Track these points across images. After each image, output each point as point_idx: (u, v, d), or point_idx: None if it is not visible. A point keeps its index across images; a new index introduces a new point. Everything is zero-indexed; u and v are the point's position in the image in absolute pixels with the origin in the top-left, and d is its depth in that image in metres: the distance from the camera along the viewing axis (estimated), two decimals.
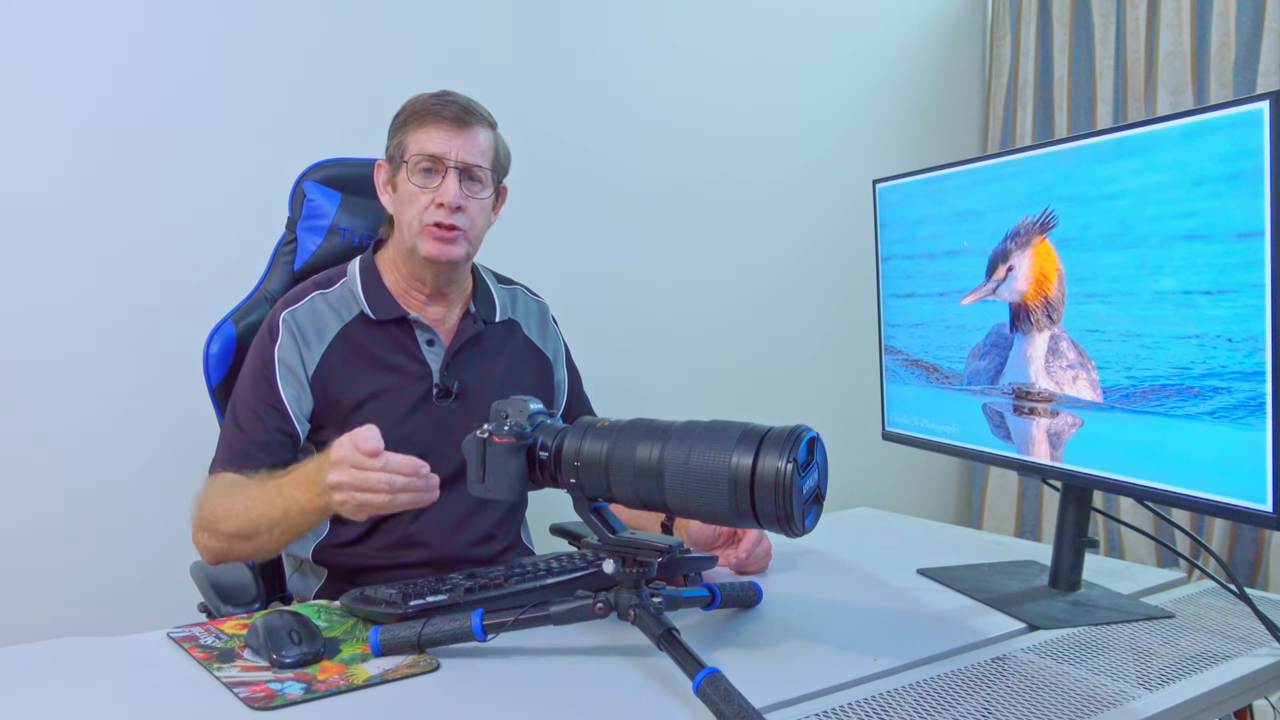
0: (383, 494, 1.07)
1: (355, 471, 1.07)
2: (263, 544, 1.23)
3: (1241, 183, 0.97)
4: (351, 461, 1.08)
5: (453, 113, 1.35)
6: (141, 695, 0.93)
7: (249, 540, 1.23)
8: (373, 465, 1.07)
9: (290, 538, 1.23)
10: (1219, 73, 2.50)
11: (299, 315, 1.38)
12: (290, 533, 1.22)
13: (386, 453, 1.08)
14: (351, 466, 1.08)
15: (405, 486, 1.07)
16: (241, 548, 1.25)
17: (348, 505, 1.09)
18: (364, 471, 1.07)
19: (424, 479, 1.09)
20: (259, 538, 1.22)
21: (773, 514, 0.89)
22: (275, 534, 1.21)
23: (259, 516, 1.21)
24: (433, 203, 1.34)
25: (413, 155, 1.35)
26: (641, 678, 0.97)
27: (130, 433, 1.84)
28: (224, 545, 1.26)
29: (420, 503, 1.10)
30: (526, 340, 1.53)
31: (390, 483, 1.07)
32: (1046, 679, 0.99)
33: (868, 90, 2.83)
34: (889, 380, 1.53)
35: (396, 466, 1.07)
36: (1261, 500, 0.97)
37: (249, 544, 1.24)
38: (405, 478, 1.07)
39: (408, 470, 1.07)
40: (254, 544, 1.24)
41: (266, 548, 1.24)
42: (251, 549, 1.25)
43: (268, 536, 1.22)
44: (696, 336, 2.54)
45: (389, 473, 1.07)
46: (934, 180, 1.40)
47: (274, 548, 1.25)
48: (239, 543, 1.25)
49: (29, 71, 1.73)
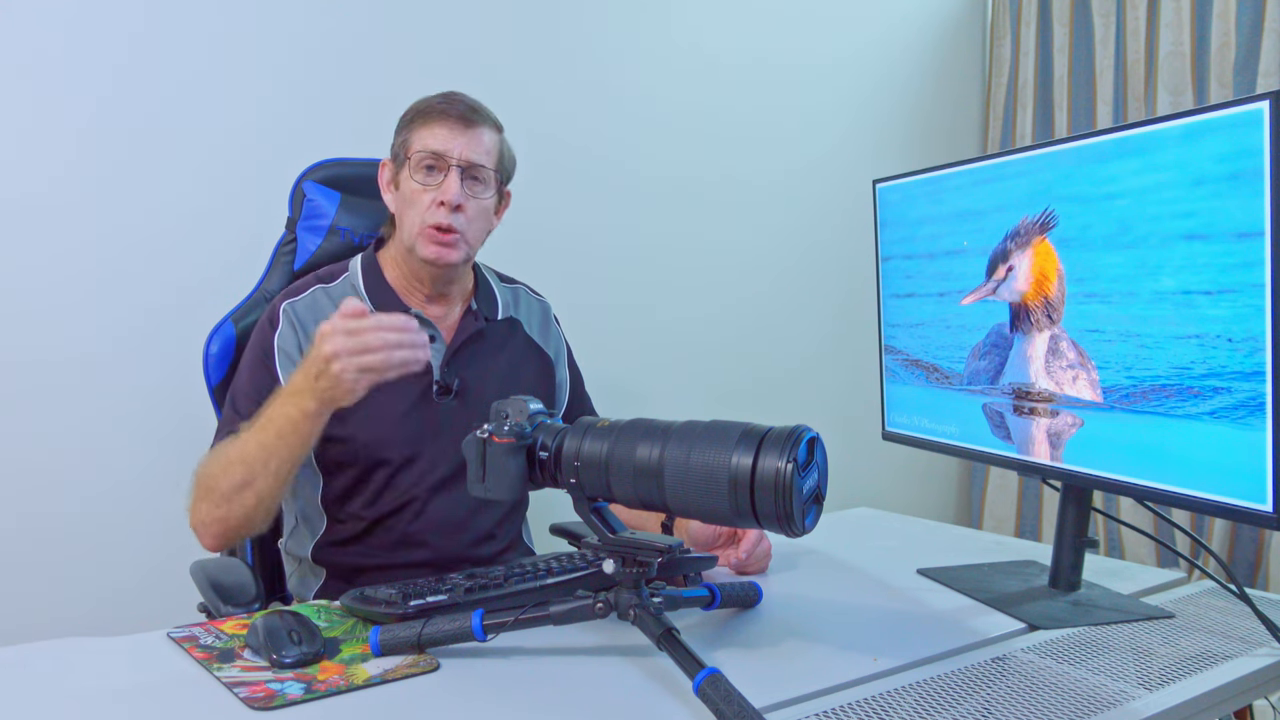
0: (379, 352, 1.09)
1: (348, 337, 1.09)
2: (260, 489, 1.21)
3: (1241, 183, 0.97)
4: (342, 329, 1.09)
5: (458, 111, 1.36)
6: (141, 695, 0.93)
7: (248, 487, 1.21)
8: (365, 324, 1.09)
9: (287, 469, 1.21)
10: (1219, 73, 2.50)
11: (300, 307, 1.38)
12: (288, 460, 1.20)
13: (374, 314, 1.10)
14: (344, 333, 1.09)
15: (400, 342, 1.09)
16: (241, 501, 1.23)
17: (347, 374, 1.10)
18: (356, 335, 1.09)
19: (414, 333, 1.11)
20: (256, 481, 1.21)
21: (773, 514, 0.88)
22: (272, 467, 1.20)
23: (255, 451, 1.20)
24: (434, 202, 1.34)
25: (415, 152, 1.35)
26: (641, 678, 0.97)
27: (130, 433, 1.84)
28: (223, 509, 1.24)
29: (415, 359, 1.11)
30: (528, 339, 1.53)
31: (384, 339, 1.09)
32: (1046, 679, 0.99)
33: (868, 90, 2.83)
34: (889, 380, 1.53)
35: (387, 324, 1.09)
36: (1261, 500, 0.97)
37: (248, 492, 1.22)
38: (397, 333, 1.09)
39: (398, 325, 1.10)
40: (253, 491, 1.22)
41: (265, 492, 1.22)
42: (251, 499, 1.22)
43: (264, 474, 1.20)
44: (697, 336, 2.54)
45: (382, 330, 1.09)
46: (934, 180, 1.40)
47: (272, 490, 1.22)
48: (238, 496, 1.22)
49: (29, 71, 1.73)
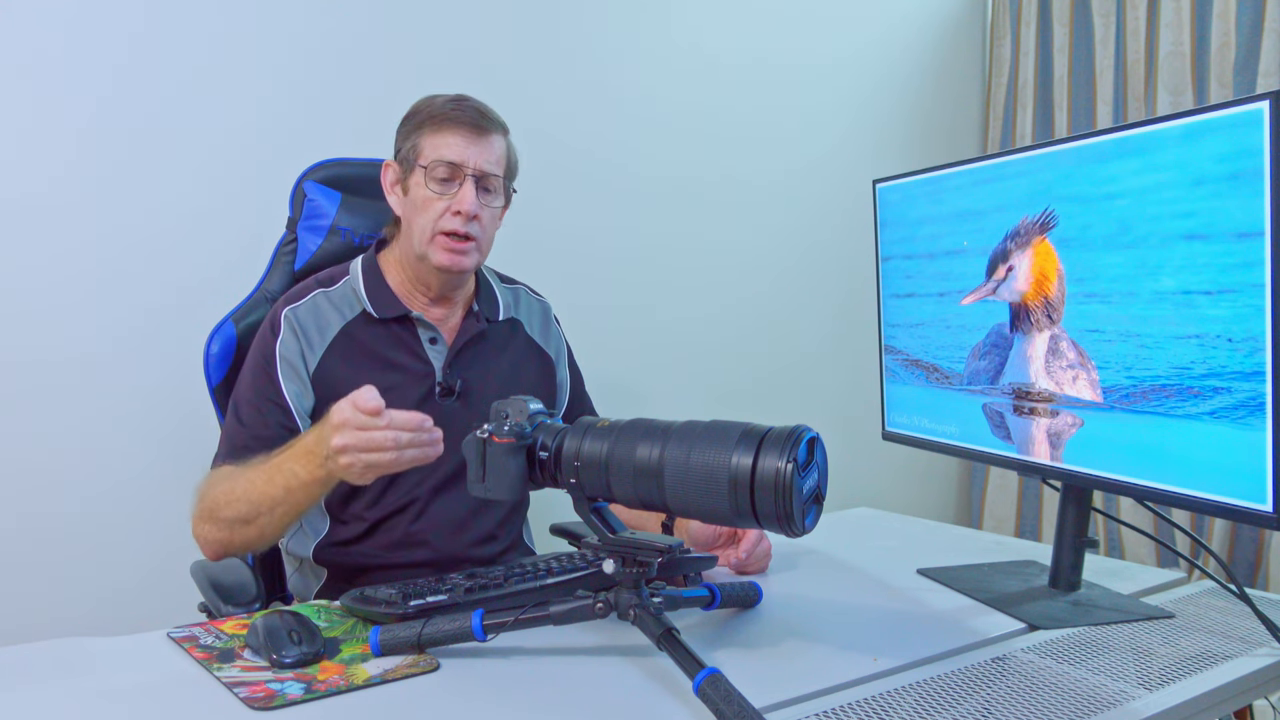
0: (389, 451, 1.08)
1: (359, 433, 1.08)
2: (264, 526, 1.22)
3: (1241, 183, 0.97)
4: (355, 423, 1.08)
5: (470, 119, 1.34)
6: (141, 695, 0.93)
7: (251, 524, 1.22)
8: (377, 424, 1.07)
9: (292, 517, 1.22)
10: (1219, 73, 2.50)
11: (301, 312, 1.38)
12: (292, 511, 1.21)
13: (389, 410, 1.09)
14: (355, 428, 1.08)
15: (411, 442, 1.08)
16: (243, 533, 1.24)
17: (354, 468, 1.09)
18: (368, 431, 1.08)
19: (428, 433, 1.10)
20: (260, 519, 1.21)
21: (773, 514, 0.89)
22: (277, 514, 1.20)
23: (260, 497, 1.20)
24: (449, 210, 1.33)
25: (430, 161, 1.34)
26: (641, 678, 0.97)
27: (130, 433, 1.84)
28: (225, 534, 1.25)
29: (425, 458, 1.11)
30: (529, 339, 1.53)
31: (396, 439, 1.08)
32: (1046, 679, 0.99)
33: (868, 90, 2.83)
34: (889, 380, 1.53)
35: (401, 423, 1.08)
36: (1261, 500, 0.97)
37: (251, 528, 1.23)
38: (410, 433, 1.08)
39: (412, 426, 1.09)
40: (256, 527, 1.22)
41: (269, 531, 1.23)
42: (254, 533, 1.23)
43: (269, 518, 1.21)
44: (697, 336, 2.54)
45: (394, 430, 1.07)
46: (934, 180, 1.40)
47: (276, 531, 1.23)
48: (240, 528, 1.23)
49: (29, 71, 1.73)
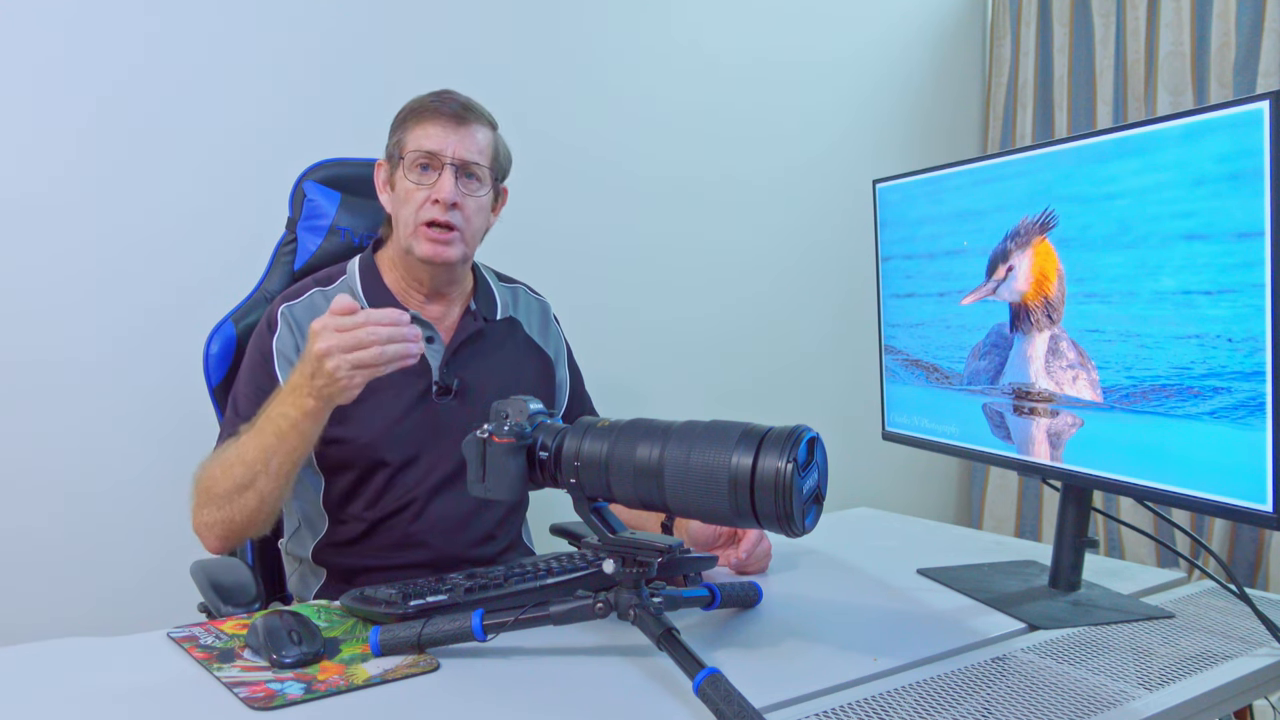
0: (372, 346, 1.09)
1: (339, 334, 1.09)
2: (263, 488, 1.21)
3: (1241, 183, 0.97)
4: (333, 325, 1.10)
5: (451, 110, 1.36)
6: (141, 695, 0.93)
7: (249, 489, 1.22)
8: (355, 321, 1.09)
9: (290, 468, 1.21)
10: (1219, 73, 2.50)
11: (298, 310, 1.38)
12: (288, 460, 1.20)
13: (365, 310, 1.11)
14: (334, 330, 1.10)
15: (391, 336, 1.10)
16: (243, 503, 1.23)
17: (340, 370, 1.10)
18: (348, 331, 1.09)
19: (408, 326, 1.11)
20: (258, 480, 1.21)
21: (773, 514, 0.88)
22: (274, 466, 1.20)
23: (254, 453, 1.20)
24: (428, 199, 1.34)
25: (410, 152, 1.35)
26: (641, 678, 0.97)
27: (130, 433, 1.84)
28: (226, 511, 1.24)
29: (408, 354, 1.12)
30: (528, 339, 1.53)
31: (376, 334, 1.09)
32: (1046, 679, 0.99)
33: (868, 90, 2.83)
34: (889, 380, 1.53)
35: (378, 319, 1.10)
36: (1261, 500, 0.97)
37: (250, 493, 1.22)
38: (389, 328, 1.10)
39: (390, 320, 1.10)
40: (255, 491, 1.22)
41: (267, 493, 1.22)
42: (253, 500, 1.23)
43: (265, 474, 1.20)
44: (697, 336, 2.54)
45: (372, 324, 1.09)
46: (934, 180, 1.40)
47: (273, 492, 1.22)
48: (239, 497, 1.22)
49: (29, 72, 1.73)
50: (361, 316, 1.10)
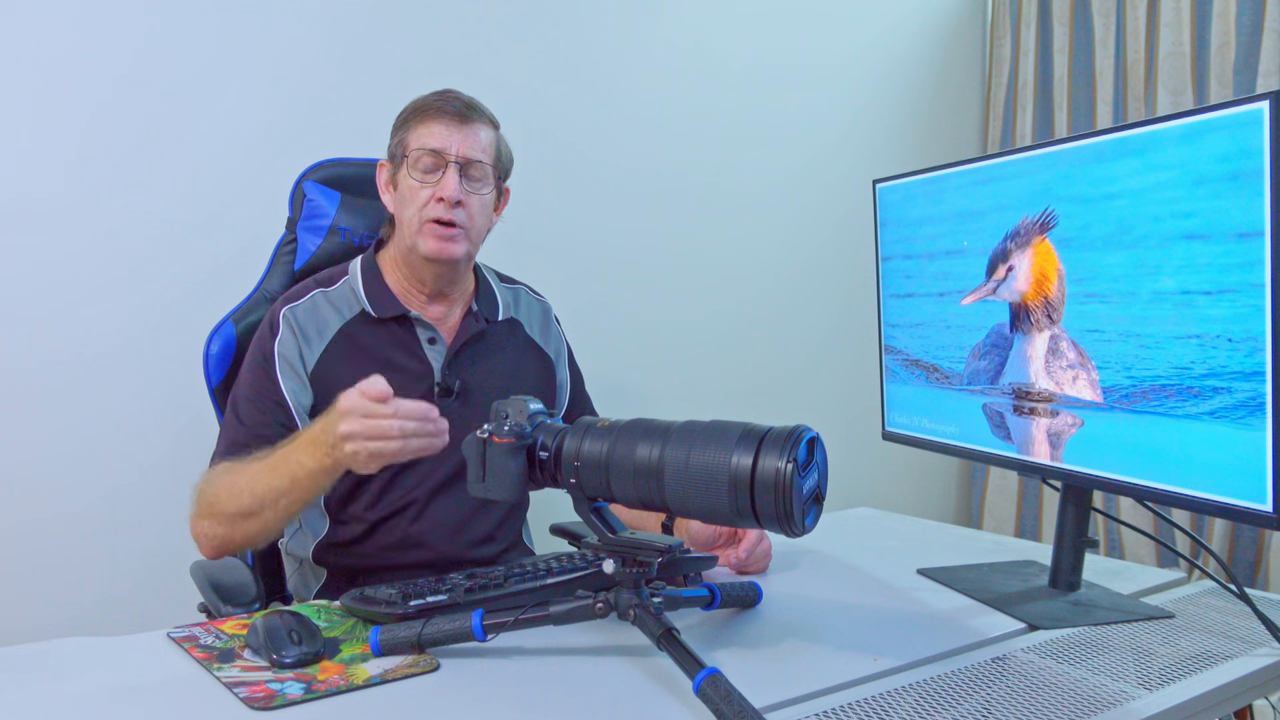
0: (395, 440, 1.08)
1: (365, 420, 1.08)
2: (268, 520, 1.21)
3: (1241, 183, 0.97)
4: (361, 410, 1.09)
5: (454, 109, 1.35)
6: (141, 695, 0.93)
7: (253, 517, 1.21)
8: (384, 411, 1.08)
9: (296, 509, 1.21)
10: (1219, 73, 2.50)
11: (299, 312, 1.38)
12: (297, 503, 1.20)
13: (395, 399, 1.09)
14: (362, 416, 1.09)
15: (416, 431, 1.09)
16: (245, 527, 1.23)
17: (360, 455, 1.10)
18: (374, 419, 1.08)
19: (434, 423, 1.10)
20: (264, 513, 1.21)
21: (773, 514, 0.89)
22: (281, 506, 1.20)
23: (265, 489, 1.20)
24: (432, 197, 1.34)
25: (413, 151, 1.35)
26: (641, 678, 0.97)
27: (130, 433, 1.84)
28: (226, 530, 1.24)
29: (430, 449, 1.11)
30: (529, 339, 1.53)
31: (402, 428, 1.08)
32: (1046, 679, 0.99)
33: (868, 90, 2.83)
34: (889, 380, 1.53)
35: (407, 412, 1.09)
36: (1261, 500, 0.97)
37: (254, 521, 1.22)
38: (416, 423, 1.09)
39: (418, 415, 1.09)
40: (259, 521, 1.22)
41: (271, 524, 1.22)
42: (256, 527, 1.23)
43: (273, 510, 1.20)
44: (697, 336, 2.54)
45: (400, 419, 1.08)
46: (934, 180, 1.40)
47: (278, 524, 1.23)
48: (242, 522, 1.22)
49: (30, 72, 1.73)
50: (390, 408, 1.08)
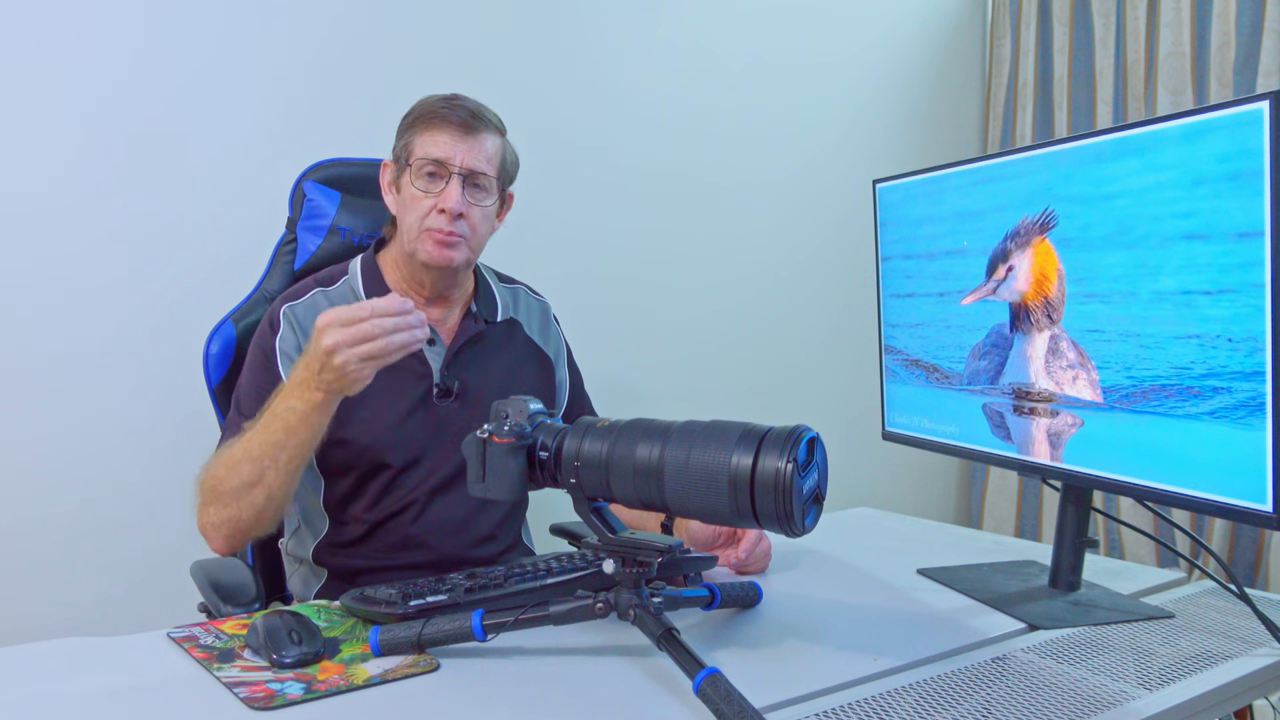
0: (378, 338, 1.10)
1: (345, 328, 1.10)
2: (271, 485, 1.21)
3: (1241, 183, 0.97)
4: (340, 320, 1.11)
5: (460, 117, 1.35)
6: (141, 695, 0.93)
7: (257, 484, 1.21)
8: (360, 314, 1.10)
9: (298, 462, 1.21)
10: (1219, 73, 2.50)
11: (300, 310, 1.38)
12: (297, 455, 1.20)
13: (368, 300, 1.12)
14: (340, 325, 1.11)
15: (397, 326, 1.11)
16: (251, 500, 1.23)
17: (349, 365, 1.11)
18: (353, 325, 1.10)
19: (412, 313, 1.12)
20: (266, 476, 1.21)
21: (773, 514, 0.89)
22: (282, 462, 1.20)
23: (261, 448, 1.20)
24: (434, 208, 1.34)
25: (417, 159, 1.34)
26: (641, 678, 0.97)
27: (130, 433, 1.84)
28: (233, 509, 1.24)
29: (414, 341, 1.12)
30: (528, 340, 1.53)
31: (382, 326, 1.10)
32: (1046, 679, 0.99)
33: (868, 90, 2.84)
34: (889, 380, 1.53)
35: (383, 309, 1.11)
36: (1261, 500, 0.97)
37: (258, 489, 1.22)
38: (394, 317, 1.10)
39: (394, 310, 1.11)
40: (263, 487, 1.22)
41: (275, 489, 1.22)
42: (261, 496, 1.22)
43: (274, 469, 1.20)
44: (696, 336, 2.54)
45: (377, 316, 1.10)
46: (934, 180, 1.40)
47: (282, 486, 1.22)
48: (247, 494, 1.22)
49: (30, 71, 1.73)
50: (366, 309, 1.11)
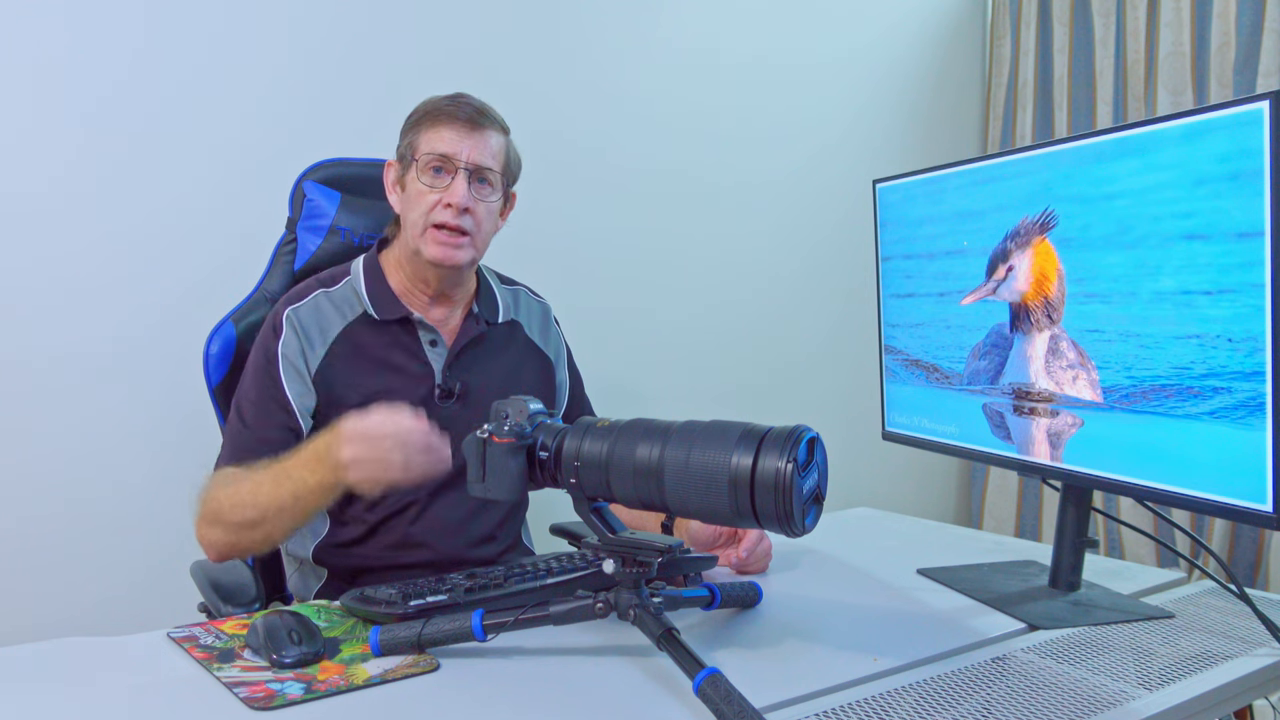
0: (398, 468, 1.10)
1: (365, 443, 1.11)
2: (271, 531, 1.22)
3: (1241, 183, 0.97)
4: (361, 434, 1.11)
5: (466, 114, 1.35)
6: (141, 695, 0.93)
7: (257, 528, 1.22)
8: (385, 434, 1.11)
9: (300, 521, 1.22)
10: (1219, 73, 2.50)
11: (302, 313, 1.38)
12: (300, 516, 1.21)
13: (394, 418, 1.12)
14: (361, 440, 1.11)
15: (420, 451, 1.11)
16: (249, 536, 1.24)
17: (364, 484, 1.11)
18: (375, 444, 1.10)
19: (436, 450, 1.12)
20: (267, 524, 1.21)
21: (773, 514, 0.89)
22: (284, 519, 1.21)
23: (268, 501, 1.20)
24: (440, 203, 1.34)
25: (423, 155, 1.34)
26: (641, 678, 0.97)
27: (130, 433, 1.84)
28: (231, 537, 1.25)
29: (434, 473, 1.13)
30: (528, 341, 1.53)
31: (407, 459, 1.10)
32: (1046, 679, 0.99)
33: (868, 90, 2.84)
34: (889, 380, 1.53)
35: (406, 432, 1.11)
36: (1261, 500, 0.97)
37: (257, 532, 1.22)
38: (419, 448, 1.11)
39: (420, 445, 1.11)
40: (262, 531, 1.22)
41: (275, 534, 1.23)
42: (260, 537, 1.23)
43: (276, 522, 1.21)
44: (696, 336, 2.54)
45: (401, 445, 1.10)
46: (934, 180, 1.40)
47: (282, 534, 1.24)
48: (247, 532, 1.23)
49: (30, 71, 1.73)
50: (390, 427, 1.11)
